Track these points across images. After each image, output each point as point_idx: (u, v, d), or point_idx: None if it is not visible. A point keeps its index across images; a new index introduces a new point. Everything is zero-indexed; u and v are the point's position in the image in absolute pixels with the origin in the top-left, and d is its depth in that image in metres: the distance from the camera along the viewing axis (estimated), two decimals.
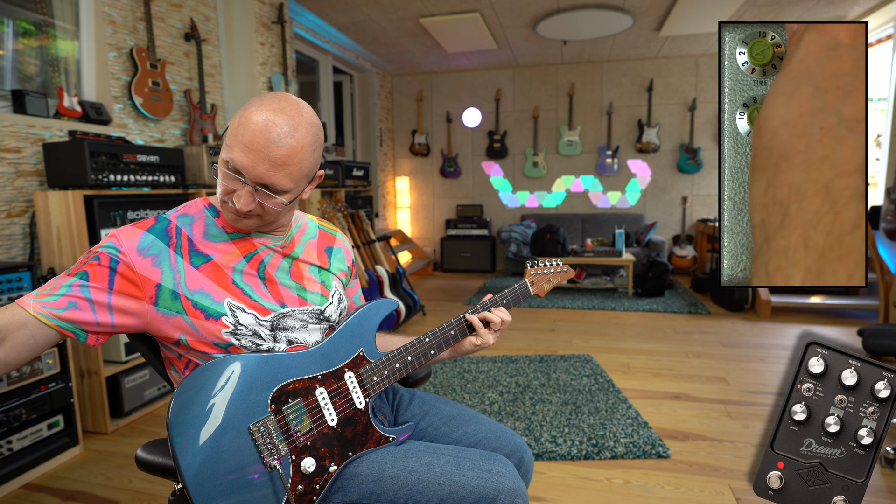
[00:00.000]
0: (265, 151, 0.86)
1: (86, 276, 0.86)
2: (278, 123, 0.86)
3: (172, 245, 0.92)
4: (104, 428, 2.31)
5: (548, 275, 1.23)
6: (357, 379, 0.98)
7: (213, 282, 0.93)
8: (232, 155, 0.87)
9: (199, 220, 0.98)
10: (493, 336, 1.13)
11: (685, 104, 6.02)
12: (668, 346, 3.49)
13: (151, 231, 0.92)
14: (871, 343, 2.15)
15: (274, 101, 0.89)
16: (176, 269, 0.91)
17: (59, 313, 0.83)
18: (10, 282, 2.01)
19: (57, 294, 0.84)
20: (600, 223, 6.24)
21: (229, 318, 0.92)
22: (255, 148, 0.85)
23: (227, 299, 0.93)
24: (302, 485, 0.89)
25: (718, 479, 1.91)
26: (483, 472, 0.94)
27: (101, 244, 0.90)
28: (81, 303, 0.85)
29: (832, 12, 4.48)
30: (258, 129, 0.85)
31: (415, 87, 6.78)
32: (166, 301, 0.90)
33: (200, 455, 0.81)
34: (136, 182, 2.45)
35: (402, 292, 4.08)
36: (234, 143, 0.87)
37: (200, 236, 0.96)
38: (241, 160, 0.86)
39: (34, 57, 2.61)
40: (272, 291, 0.98)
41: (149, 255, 0.90)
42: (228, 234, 0.98)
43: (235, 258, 0.97)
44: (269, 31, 3.75)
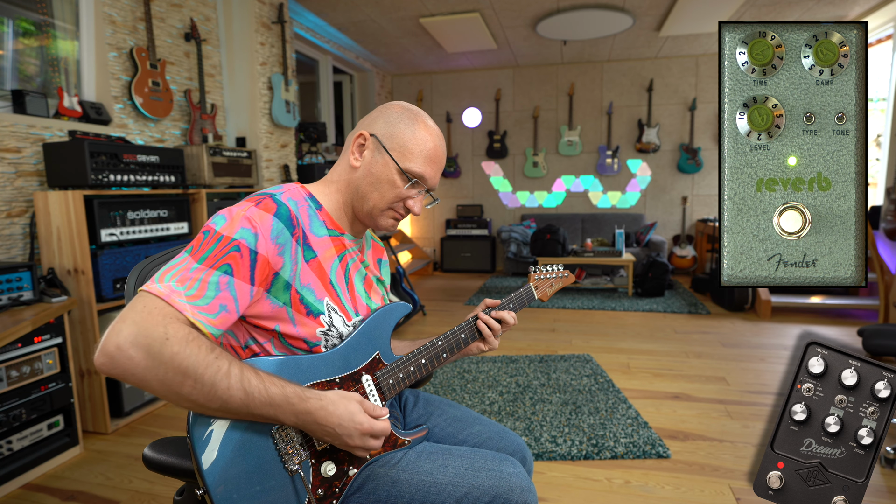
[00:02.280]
0: (441, 163, 1.02)
1: (230, 272, 0.81)
2: (442, 137, 1.02)
3: (296, 235, 0.90)
4: (104, 428, 2.31)
5: (550, 279, 1.24)
6: (374, 382, 0.98)
7: (318, 278, 0.93)
8: (414, 166, 0.97)
9: (303, 208, 0.95)
10: (498, 340, 1.14)
11: (685, 104, 6.02)
12: (668, 346, 3.49)
13: (279, 217, 0.88)
14: (871, 343, 2.15)
15: (423, 113, 1.02)
16: (295, 262, 0.89)
17: (213, 320, 0.79)
18: (10, 282, 2.01)
19: (207, 297, 0.79)
20: (600, 223, 6.24)
21: (326, 318, 0.92)
22: (437, 161, 1.00)
23: (326, 298, 0.93)
24: (322, 489, 0.89)
25: (718, 479, 1.91)
26: (497, 472, 0.95)
27: (237, 229, 0.83)
28: (230, 304, 0.81)
29: (832, 12, 4.48)
30: (437, 144, 1.00)
31: (415, 87, 6.78)
32: (278, 291, 0.88)
33: (223, 459, 0.81)
34: (136, 182, 2.45)
35: (402, 292, 4.08)
36: (415, 157, 0.97)
37: (309, 228, 0.94)
38: (428, 172, 0.99)
39: (34, 57, 2.61)
40: (352, 297, 1.00)
41: (278, 244, 0.86)
42: (328, 230, 0.98)
43: (332, 257, 0.97)
44: (269, 31, 3.75)
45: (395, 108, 1.00)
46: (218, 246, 0.82)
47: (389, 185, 0.96)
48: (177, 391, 0.75)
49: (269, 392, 0.79)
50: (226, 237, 0.82)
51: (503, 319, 1.12)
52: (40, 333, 2.01)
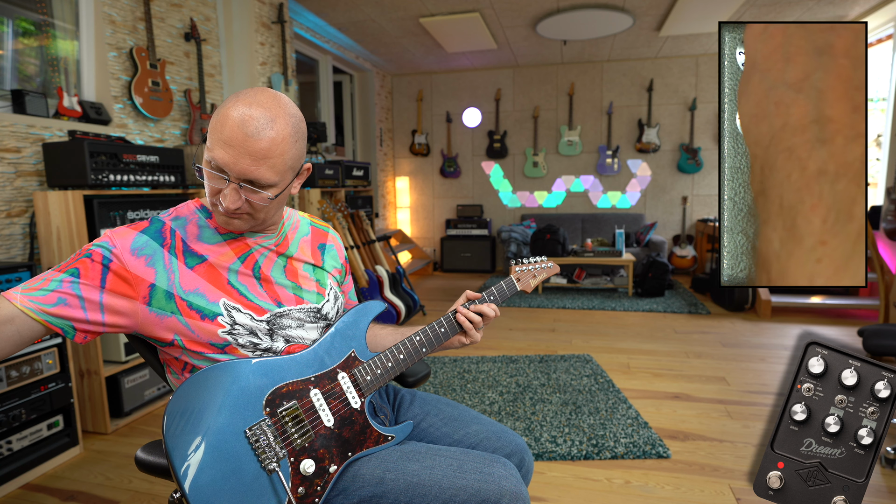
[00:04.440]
0: (245, 146, 0.84)
1: (77, 273, 0.85)
2: (255, 116, 0.85)
3: (167, 246, 0.92)
4: (104, 428, 2.31)
5: (532, 271, 1.25)
6: (350, 379, 0.98)
7: (208, 282, 0.93)
8: (213, 154, 0.86)
9: (192, 221, 0.98)
10: (480, 333, 1.13)
11: (685, 104, 6.02)
12: (668, 346, 3.49)
13: (146, 232, 0.92)
14: (871, 343, 2.15)
15: (250, 94, 0.87)
16: (170, 270, 0.91)
17: (47, 308, 0.82)
18: (10, 282, 2.00)
19: (46, 289, 0.83)
20: (600, 223, 6.24)
21: (225, 318, 0.92)
22: (234, 143, 0.84)
23: (222, 299, 0.93)
24: (303, 487, 0.88)
25: (718, 479, 1.91)
26: (485, 475, 0.93)
27: (94, 242, 0.89)
28: (71, 299, 0.84)
29: (832, 12, 4.48)
30: (235, 124, 0.84)
31: (415, 87, 6.78)
32: (160, 301, 0.89)
33: (198, 463, 0.81)
34: (136, 182, 2.45)
35: (402, 292, 4.08)
36: (214, 142, 0.86)
37: (194, 237, 0.96)
38: (223, 157, 0.85)
39: (34, 57, 2.61)
40: (268, 291, 0.99)
41: (143, 255, 0.89)
42: (221, 235, 0.98)
43: (230, 259, 0.97)
44: (268, 30, 3.75)
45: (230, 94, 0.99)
46: (74, 255, 0.88)
47: (205, 178, 0.90)
48: None
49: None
50: (83, 249, 0.89)
51: (483, 313, 1.10)
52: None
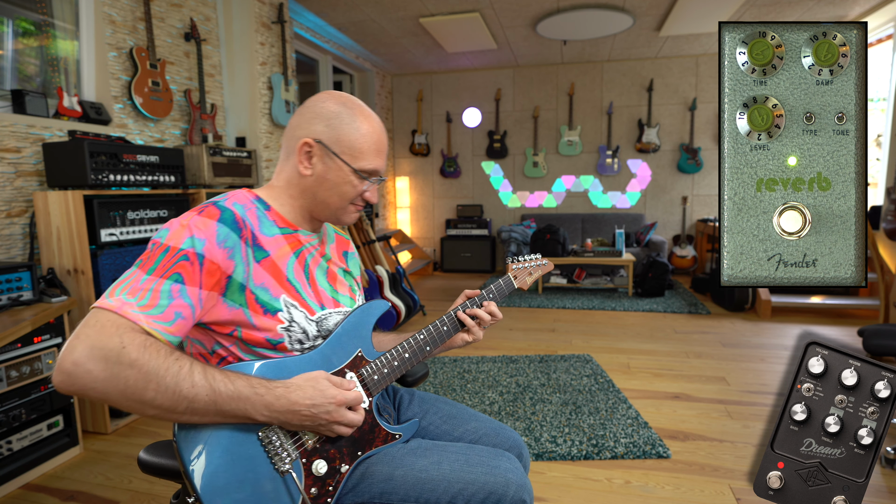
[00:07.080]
0: (386, 147, 1.03)
1: (181, 280, 0.81)
2: (375, 119, 1.01)
3: (243, 237, 0.90)
4: (104, 428, 2.31)
5: (528, 268, 1.28)
6: (358, 379, 0.99)
7: (272, 277, 0.93)
8: (372, 164, 0.99)
9: (251, 210, 0.95)
10: (482, 331, 1.14)
11: (685, 104, 6.02)
12: (668, 346, 3.49)
13: (223, 221, 0.88)
14: (871, 343, 2.15)
15: (351, 101, 1.00)
16: (246, 262, 0.89)
17: (168, 327, 0.79)
18: (10, 282, 2.01)
19: (161, 306, 0.79)
20: (600, 223, 6.24)
21: (284, 314, 0.92)
22: (382, 148, 1.01)
23: (283, 295, 0.93)
24: (315, 487, 0.89)
25: (718, 479, 1.91)
26: (492, 468, 0.96)
27: (183, 239, 0.83)
28: (186, 311, 0.81)
29: (832, 12, 4.48)
30: (380, 134, 1.01)
31: (415, 87, 6.78)
32: (234, 293, 0.88)
33: (211, 466, 0.81)
34: (136, 182, 2.45)
35: (402, 292, 4.08)
36: (365, 154, 0.98)
37: (258, 228, 0.94)
38: (381, 163, 1.02)
39: (34, 57, 2.61)
40: (315, 291, 0.99)
41: (226, 248, 0.87)
42: (279, 228, 0.98)
43: (287, 254, 0.97)
44: (268, 30, 3.75)
45: (330, 106, 0.98)
46: (165, 256, 0.82)
47: (348, 186, 0.99)
48: (140, 398, 0.74)
49: (235, 385, 0.79)
50: (172, 248, 0.83)
51: (492, 313, 1.13)
52: (40, 333, 2.00)
